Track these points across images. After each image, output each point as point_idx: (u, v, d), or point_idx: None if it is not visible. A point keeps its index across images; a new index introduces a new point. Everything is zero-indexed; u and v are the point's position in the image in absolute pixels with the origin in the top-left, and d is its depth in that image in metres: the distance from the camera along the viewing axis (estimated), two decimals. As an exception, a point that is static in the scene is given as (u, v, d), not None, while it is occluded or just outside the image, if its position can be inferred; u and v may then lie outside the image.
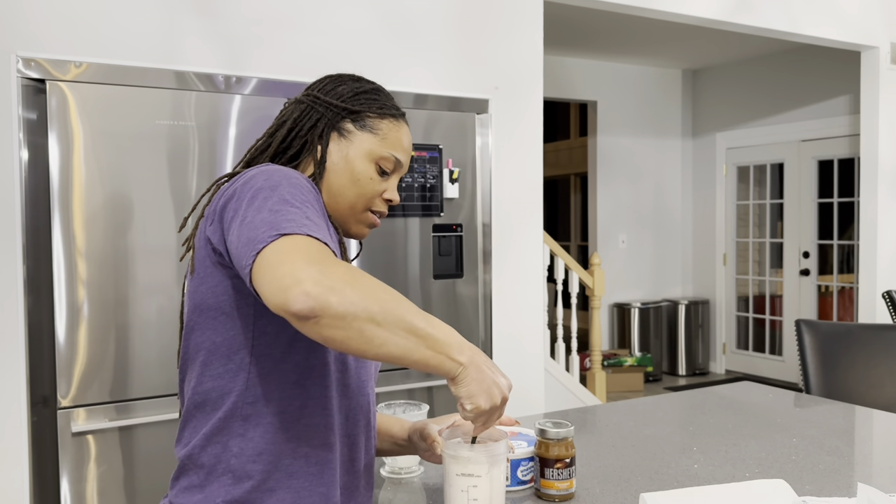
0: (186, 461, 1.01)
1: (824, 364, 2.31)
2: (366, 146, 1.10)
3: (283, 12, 2.50)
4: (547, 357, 4.37)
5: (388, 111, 1.13)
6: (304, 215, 0.90)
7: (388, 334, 0.85)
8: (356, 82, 1.14)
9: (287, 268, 0.83)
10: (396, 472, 1.34)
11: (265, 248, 0.85)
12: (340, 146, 1.10)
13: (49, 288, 2.10)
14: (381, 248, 2.56)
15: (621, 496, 1.21)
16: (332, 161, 1.10)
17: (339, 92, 1.12)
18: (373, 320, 0.84)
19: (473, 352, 0.93)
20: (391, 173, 1.13)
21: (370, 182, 1.10)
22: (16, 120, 2.09)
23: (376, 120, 1.11)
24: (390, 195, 1.14)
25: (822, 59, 5.70)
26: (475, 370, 0.92)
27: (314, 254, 0.85)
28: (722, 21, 3.70)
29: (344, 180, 1.09)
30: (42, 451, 2.13)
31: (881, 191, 4.40)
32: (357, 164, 1.10)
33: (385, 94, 1.15)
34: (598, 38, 5.50)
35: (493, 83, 2.93)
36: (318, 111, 1.11)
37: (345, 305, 0.82)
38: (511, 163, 2.97)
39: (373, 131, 1.11)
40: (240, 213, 0.92)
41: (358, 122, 1.11)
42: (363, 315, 0.83)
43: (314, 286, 0.81)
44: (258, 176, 0.96)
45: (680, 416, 1.72)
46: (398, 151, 1.13)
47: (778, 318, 6.18)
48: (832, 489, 1.23)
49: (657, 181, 6.58)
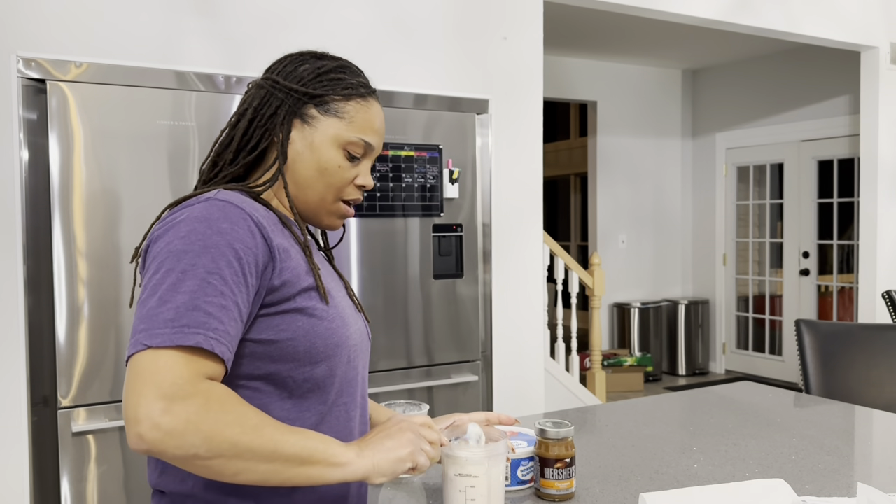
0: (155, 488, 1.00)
1: (824, 364, 2.31)
2: (331, 132, 1.02)
3: (283, 12, 2.51)
4: (547, 357, 4.37)
5: (355, 91, 1.04)
6: (191, 304, 0.85)
7: (243, 465, 0.83)
8: (318, 60, 1.05)
9: (133, 399, 0.80)
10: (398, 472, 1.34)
11: (131, 359, 0.83)
12: (304, 134, 1.02)
13: (49, 288, 2.10)
14: (381, 248, 2.56)
15: (621, 496, 1.21)
16: (296, 150, 1.02)
17: (299, 74, 1.03)
18: (221, 456, 0.82)
19: (360, 446, 0.92)
20: (362, 158, 1.06)
21: (339, 170, 1.03)
22: (16, 120, 2.09)
23: (342, 103, 1.03)
24: (363, 181, 1.06)
25: (822, 59, 5.70)
26: (368, 464, 0.91)
27: (167, 384, 0.81)
28: (722, 21, 3.70)
29: (311, 170, 1.02)
30: (42, 451, 2.13)
31: (881, 191, 4.40)
32: (323, 151, 1.02)
33: (352, 70, 1.07)
34: (598, 38, 5.50)
35: (493, 83, 2.93)
36: (278, 97, 1.03)
37: (183, 449, 0.80)
38: (511, 163, 2.97)
39: (338, 115, 1.03)
40: (144, 285, 0.89)
41: (322, 106, 1.03)
42: (207, 454, 0.81)
43: (150, 430, 0.79)
44: (179, 231, 0.90)
45: (680, 416, 1.72)
46: (368, 134, 1.04)
47: (778, 318, 6.18)
48: (832, 489, 1.23)
49: (657, 181, 6.58)
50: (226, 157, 1.05)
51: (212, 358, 0.85)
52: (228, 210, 0.92)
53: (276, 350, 0.94)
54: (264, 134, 1.03)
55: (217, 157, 1.06)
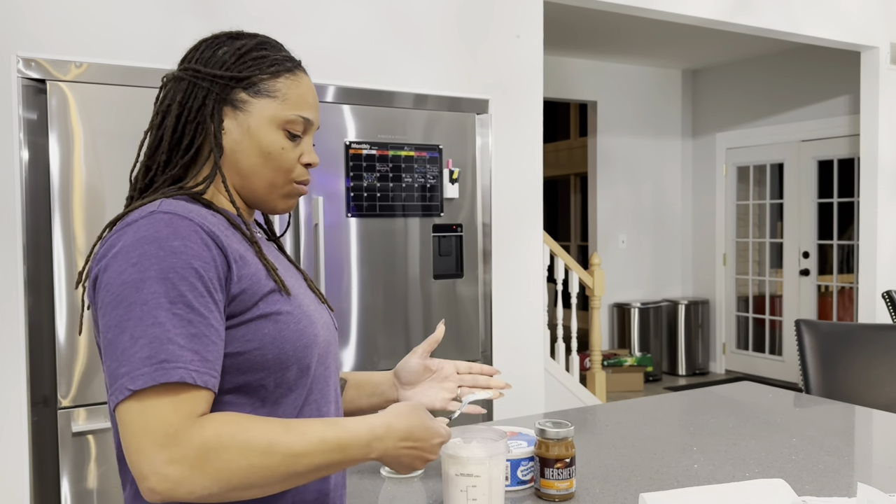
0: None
1: (824, 364, 2.31)
2: (267, 113, 0.97)
3: (283, 12, 2.51)
4: (547, 357, 4.37)
5: (282, 67, 0.99)
6: (164, 336, 0.81)
7: (261, 490, 0.84)
8: (236, 41, 0.99)
9: (134, 457, 0.80)
10: (396, 472, 1.34)
11: (119, 408, 0.81)
12: (238, 121, 0.97)
13: (49, 288, 2.10)
14: (381, 248, 2.56)
15: (621, 496, 1.21)
16: (233, 140, 0.97)
17: (220, 58, 0.97)
18: (235, 489, 0.82)
19: (385, 442, 0.93)
20: (303, 135, 1.01)
21: (283, 152, 0.98)
22: (16, 120, 2.09)
23: (271, 81, 0.98)
24: (308, 158, 1.01)
25: (822, 59, 5.70)
26: (391, 460, 0.95)
27: (161, 434, 0.79)
28: (722, 21, 3.70)
29: (254, 158, 0.97)
30: (42, 451, 2.13)
31: (881, 191, 4.40)
32: (263, 136, 0.97)
33: (273, 45, 1.01)
34: (598, 38, 5.50)
35: (493, 83, 2.93)
36: (203, 86, 0.96)
37: (196, 493, 0.80)
38: (511, 163, 2.97)
39: (271, 95, 0.97)
40: (104, 324, 0.85)
41: (251, 88, 0.97)
42: (221, 491, 0.81)
43: (159, 483, 0.79)
44: (129, 258, 0.84)
45: (680, 416, 1.72)
46: (304, 110, 1.00)
47: (778, 318, 6.18)
48: (832, 489, 1.23)
49: (657, 181, 6.58)
50: (158, 161, 0.98)
51: (198, 389, 0.83)
52: (176, 224, 0.86)
53: (245, 361, 0.91)
54: (197, 129, 0.96)
55: (149, 161, 0.99)
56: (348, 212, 2.50)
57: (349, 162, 2.48)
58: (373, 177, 2.53)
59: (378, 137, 2.54)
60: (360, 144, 2.51)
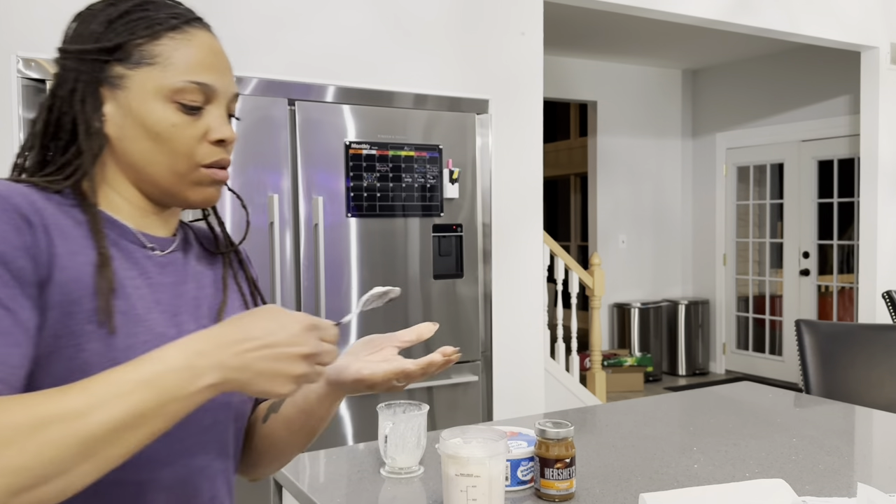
0: None
1: (824, 364, 2.31)
2: (149, 85, 0.78)
3: (284, 13, 2.51)
4: (547, 357, 4.37)
5: (164, 25, 0.79)
6: None
7: (61, 477, 0.61)
8: (111, 7, 0.80)
9: None
10: (396, 472, 1.34)
11: None
12: (119, 101, 0.78)
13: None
14: (381, 248, 2.56)
15: (621, 496, 1.21)
16: (117, 126, 0.79)
17: (90, 32, 0.78)
18: (24, 487, 0.60)
19: (213, 355, 0.66)
20: (204, 105, 0.81)
21: (175, 129, 0.79)
22: (16, 120, 2.09)
23: (149, 45, 0.78)
24: (218, 134, 0.81)
25: (822, 59, 5.70)
26: (244, 375, 0.67)
27: None
28: (722, 21, 3.70)
29: (142, 142, 0.79)
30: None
31: (881, 191, 4.40)
32: (147, 113, 0.78)
33: (158, 4, 0.81)
34: (598, 38, 5.50)
35: (493, 83, 2.93)
36: (71, 67, 0.78)
37: (7, 493, 0.58)
38: (511, 163, 2.97)
39: (150, 61, 0.78)
40: None
41: (127, 59, 0.78)
42: (26, 484, 0.60)
43: None
44: None
45: (680, 416, 1.72)
46: (197, 73, 0.79)
47: (778, 319, 6.18)
48: (832, 489, 1.23)
49: (657, 181, 6.58)
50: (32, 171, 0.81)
51: None
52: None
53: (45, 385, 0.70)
54: (73, 122, 0.79)
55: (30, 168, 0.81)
56: (348, 212, 2.50)
57: (349, 162, 2.48)
58: (373, 177, 2.53)
59: (378, 137, 2.54)
60: (360, 144, 2.51)
